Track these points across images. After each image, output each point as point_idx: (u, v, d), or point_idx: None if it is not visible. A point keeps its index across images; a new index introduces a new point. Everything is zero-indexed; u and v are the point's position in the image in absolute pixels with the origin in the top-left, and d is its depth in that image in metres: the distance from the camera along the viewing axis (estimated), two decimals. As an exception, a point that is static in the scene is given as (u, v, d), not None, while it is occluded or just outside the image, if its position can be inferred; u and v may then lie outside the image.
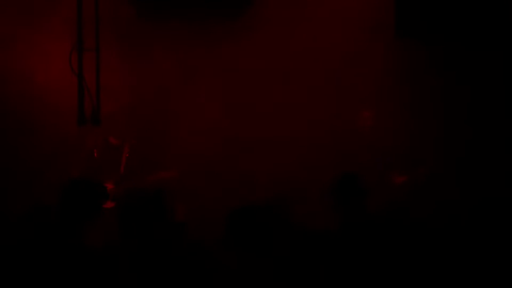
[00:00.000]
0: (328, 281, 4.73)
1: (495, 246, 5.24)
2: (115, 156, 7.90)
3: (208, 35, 8.32)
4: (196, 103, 8.42)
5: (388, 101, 8.28)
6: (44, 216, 5.23)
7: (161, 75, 8.36)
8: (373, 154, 8.07)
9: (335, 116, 8.40)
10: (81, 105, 6.18)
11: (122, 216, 4.97)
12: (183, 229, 5.58)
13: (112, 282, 4.63)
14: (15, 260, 4.64)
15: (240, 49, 8.32)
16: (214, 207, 7.68)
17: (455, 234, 5.36)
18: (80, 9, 6.18)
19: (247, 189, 8.09)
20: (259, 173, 8.33)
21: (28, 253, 4.66)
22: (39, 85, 8.04)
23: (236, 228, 4.82)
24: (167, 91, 8.41)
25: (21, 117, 8.08)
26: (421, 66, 8.38)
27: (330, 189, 5.72)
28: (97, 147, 7.91)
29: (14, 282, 4.56)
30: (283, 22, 8.29)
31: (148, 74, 8.37)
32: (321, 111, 8.36)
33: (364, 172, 7.69)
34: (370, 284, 4.90)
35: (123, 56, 8.03)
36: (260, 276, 4.60)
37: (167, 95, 8.40)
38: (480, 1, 8.01)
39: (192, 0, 7.71)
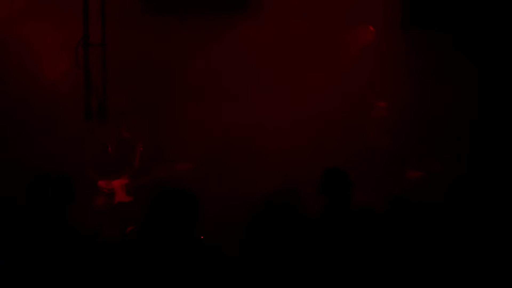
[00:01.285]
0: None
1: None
2: (128, 150, 7.93)
3: (214, 28, 8.35)
4: (203, 95, 8.45)
5: (398, 93, 8.30)
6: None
7: (168, 69, 8.39)
8: (385, 147, 8.10)
9: (345, 108, 8.41)
10: (87, 100, 6.21)
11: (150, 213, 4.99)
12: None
13: (126, 274, 4.67)
14: (31, 252, 4.69)
15: (248, 42, 8.34)
16: (226, 199, 7.74)
17: (468, 226, 5.40)
18: (86, 4, 6.21)
19: (260, 179, 8.12)
20: (271, 164, 8.37)
21: (44, 245, 4.71)
22: (46, 81, 8.08)
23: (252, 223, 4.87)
24: (174, 85, 8.44)
25: (28, 113, 8.12)
26: (429, 58, 8.37)
27: (316, 183, 5.91)
28: (111, 141, 7.94)
29: (28, 273, 4.61)
30: (289, 16, 8.30)
31: (154, 68, 8.40)
32: (330, 105, 8.38)
33: (376, 165, 7.76)
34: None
35: (129, 51, 8.05)
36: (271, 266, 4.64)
37: (174, 89, 8.43)
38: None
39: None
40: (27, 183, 5.10)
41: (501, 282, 4.95)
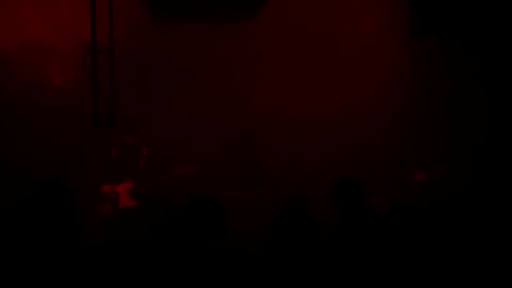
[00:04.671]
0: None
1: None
2: (133, 155, 7.91)
3: (222, 36, 8.36)
4: (212, 102, 8.45)
5: (404, 99, 8.30)
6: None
7: (175, 75, 8.40)
8: (389, 152, 8.08)
9: (351, 114, 8.40)
10: (95, 107, 6.21)
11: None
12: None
13: (131, 279, 4.68)
14: (30, 260, 4.69)
15: (256, 48, 8.35)
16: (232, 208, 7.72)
17: (473, 231, 5.39)
18: (94, 12, 6.21)
19: (265, 188, 8.12)
20: (277, 172, 8.36)
21: (47, 251, 4.71)
22: (55, 88, 8.11)
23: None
24: (182, 91, 8.44)
25: (37, 120, 8.14)
26: (437, 64, 8.36)
27: (331, 193, 5.88)
28: (115, 146, 7.92)
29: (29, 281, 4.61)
30: (296, 22, 8.31)
31: (163, 73, 8.41)
32: (338, 109, 8.37)
33: (381, 170, 7.75)
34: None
35: (136, 58, 8.07)
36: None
37: (182, 95, 8.44)
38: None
39: (205, 1, 7.71)
40: (31, 189, 5.10)
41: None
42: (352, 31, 8.30)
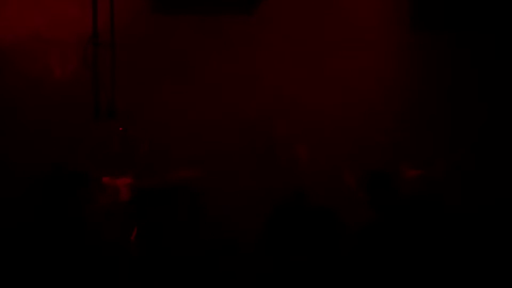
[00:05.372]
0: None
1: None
2: (132, 150, 7.89)
3: (224, 30, 8.35)
4: (213, 97, 8.45)
5: (405, 93, 8.31)
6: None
7: (178, 67, 8.40)
8: (389, 147, 8.10)
9: (350, 109, 8.42)
10: (96, 99, 6.22)
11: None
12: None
13: (128, 276, 4.66)
14: (34, 254, 4.68)
15: (258, 43, 8.35)
16: (236, 205, 7.74)
17: (475, 226, 5.40)
18: (95, 3, 6.22)
19: (271, 186, 8.13)
20: (281, 169, 8.37)
21: (46, 246, 4.70)
22: (55, 80, 8.09)
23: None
24: (185, 83, 8.44)
25: (36, 112, 8.13)
26: (437, 58, 8.38)
27: (362, 187, 5.87)
28: (114, 140, 7.89)
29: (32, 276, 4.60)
30: (296, 15, 8.31)
31: (164, 67, 8.39)
32: (339, 106, 8.38)
33: (381, 165, 7.76)
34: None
35: (138, 51, 8.05)
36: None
37: (185, 87, 8.43)
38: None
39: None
40: (39, 181, 5.08)
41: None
42: (353, 24, 8.33)
